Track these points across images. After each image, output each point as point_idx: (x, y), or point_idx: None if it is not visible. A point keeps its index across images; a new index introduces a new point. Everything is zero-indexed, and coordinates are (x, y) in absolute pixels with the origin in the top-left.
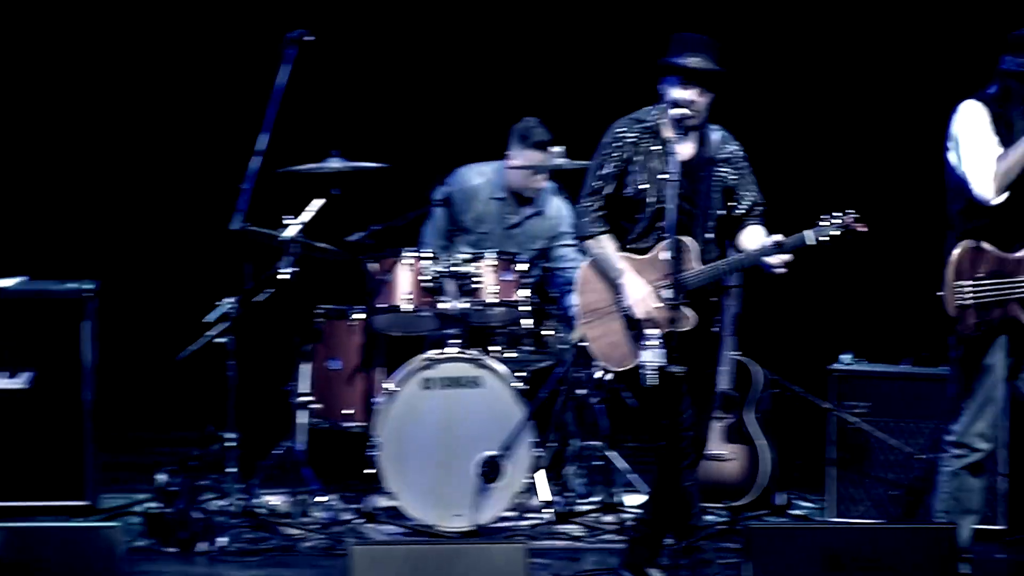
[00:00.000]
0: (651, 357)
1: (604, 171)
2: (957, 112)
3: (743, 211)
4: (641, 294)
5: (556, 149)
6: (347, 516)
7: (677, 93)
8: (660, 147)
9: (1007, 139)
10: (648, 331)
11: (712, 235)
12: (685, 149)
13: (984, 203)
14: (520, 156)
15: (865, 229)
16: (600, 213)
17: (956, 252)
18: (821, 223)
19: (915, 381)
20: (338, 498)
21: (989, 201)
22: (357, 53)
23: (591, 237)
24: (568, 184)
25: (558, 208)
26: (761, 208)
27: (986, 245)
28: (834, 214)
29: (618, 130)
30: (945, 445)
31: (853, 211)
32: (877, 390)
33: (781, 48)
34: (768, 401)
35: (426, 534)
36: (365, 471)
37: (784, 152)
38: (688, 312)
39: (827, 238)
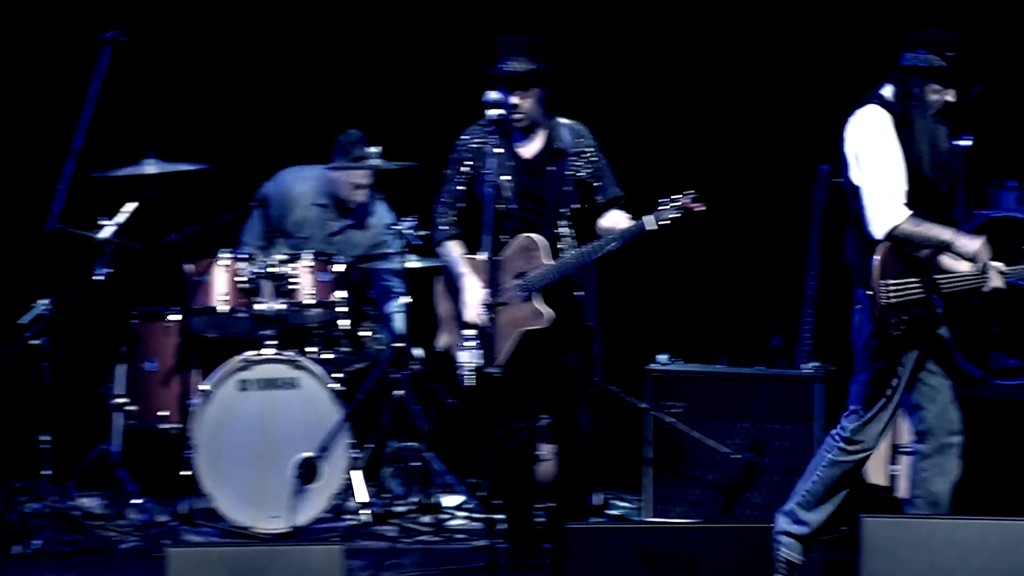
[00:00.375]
0: (468, 358)
1: (453, 180)
2: (857, 120)
3: (604, 205)
4: (473, 299)
5: (372, 150)
6: (163, 518)
7: (493, 97)
8: (503, 150)
9: (910, 138)
10: (465, 332)
11: (567, 231)
12: (529, 147)
13: (870, 237)
14: (342, 170)
15: (703, 208)
16: (450, 220)
17: (880, 253)
18: (660, 207)
19: (731, 381)
20: (154, 500)
21: (876, 240)
22: (172, 53)
23: (439, 244)
24: (387, 186)
25: (380, 217)
26: (622, 200)
27: (900, 245)
28: (672, 196)
29: (464, 137)
30: (837, 438)
31: (692, 191)
32: (693, 390)
33: (618, 38)
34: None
35: (243, 536)
36: (181, 473)
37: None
38: (544, 310)
39: (667, 221)
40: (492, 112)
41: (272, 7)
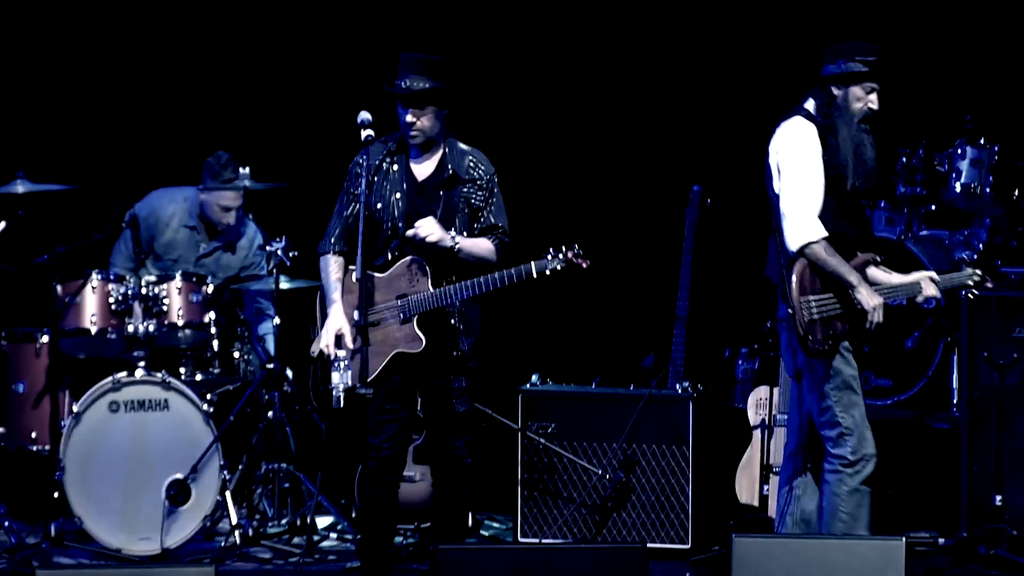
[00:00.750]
0: (338, 379)
1: (346, 194)
2: (781, 131)
3: (480, 232)
4: (331, 328)
5: (242, 171)
6: (33, 540)
7: (364, 117)
8: (398, 168)
9: (835, 149)
10: (337, 352)
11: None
12: (424, 167)
13: (786, 250)
14: (211, 192)
15: (586, 264)
16: (338, 233)
17: (797, 269)
18: (546, 256)
19: (602, 402)
20: (24, 522)
21: (791, 253)
22: (41, 73)
23: (322, 255)
24: (257, 206)
25: (251, 240)
26: (501, 232)
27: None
28: (561, 248)
29: (362, 155)
30: (836, 470)
31: (577, 246)
32: (565, 410)
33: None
34: None
35: (114, 557)
36: (52, 494)
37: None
38: (420, 335)
39: (549, 272)
40: (365, 132)
41: (139, 27)
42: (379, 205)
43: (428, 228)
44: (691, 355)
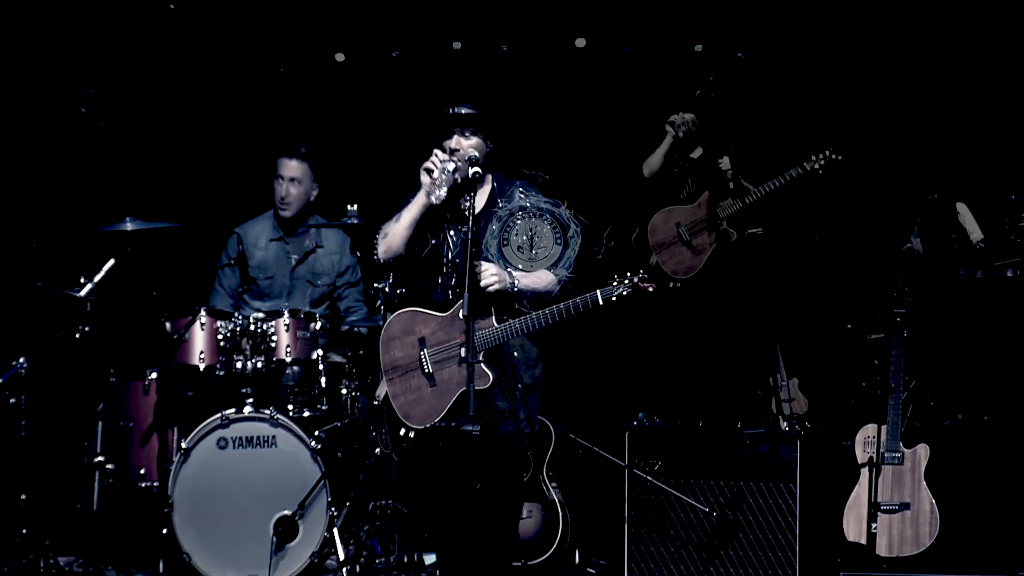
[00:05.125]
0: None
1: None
2: None
3: None
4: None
5: (351, 208)
6: None
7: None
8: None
9: None
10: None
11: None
12: (477, 201)
13: None
14: (278, 169)
15: (652, 288)
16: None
17: None
18: (611, 283)
19: (710, 439)
20: (132, 558)
21: None
22: (149, 114)
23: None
24: (366, 244)
25: (340, 245)
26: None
27: None
28: (626, 274)
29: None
30: None
31: (642, 271)
32: (672, 448)
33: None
34: (562, 459)
35: None
36: (161, 531)
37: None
38: (488, 371)
39: (615, 298)
40: (473, 170)
41: (246, 68)
42: (434, 243)
43: (489, 278)
44: None
